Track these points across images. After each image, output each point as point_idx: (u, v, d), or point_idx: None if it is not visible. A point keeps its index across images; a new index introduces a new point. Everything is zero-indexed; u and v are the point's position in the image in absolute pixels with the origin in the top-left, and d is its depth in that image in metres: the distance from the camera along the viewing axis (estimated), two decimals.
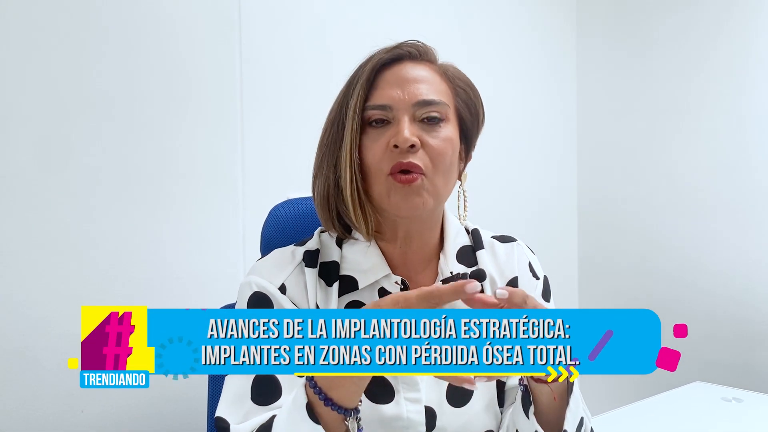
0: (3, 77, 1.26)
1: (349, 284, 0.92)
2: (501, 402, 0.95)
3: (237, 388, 0.85)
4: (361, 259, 0.92)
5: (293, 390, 0.83)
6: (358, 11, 1.80)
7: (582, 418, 0.87)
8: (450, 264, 0.95)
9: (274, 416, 0.80)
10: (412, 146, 0.85)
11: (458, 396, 0.91)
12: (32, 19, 1.29)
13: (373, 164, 0.87)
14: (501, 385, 0.95)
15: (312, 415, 0.75)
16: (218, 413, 0.85)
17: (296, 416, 0.76)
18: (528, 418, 0.85)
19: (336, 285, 0.91)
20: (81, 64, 1.35)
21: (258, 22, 1.61)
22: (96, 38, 1.37)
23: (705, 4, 2.14)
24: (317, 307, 0.90)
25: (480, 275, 0.94)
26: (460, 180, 0.96)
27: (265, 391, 0.84)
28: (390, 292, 0.91)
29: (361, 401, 0.77)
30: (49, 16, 1.31)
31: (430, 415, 0.89)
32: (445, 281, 0.91)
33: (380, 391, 0.88)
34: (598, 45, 2.41)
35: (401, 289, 0.91)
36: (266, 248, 1.13)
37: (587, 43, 2.44)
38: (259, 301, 0.90)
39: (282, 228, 1.15)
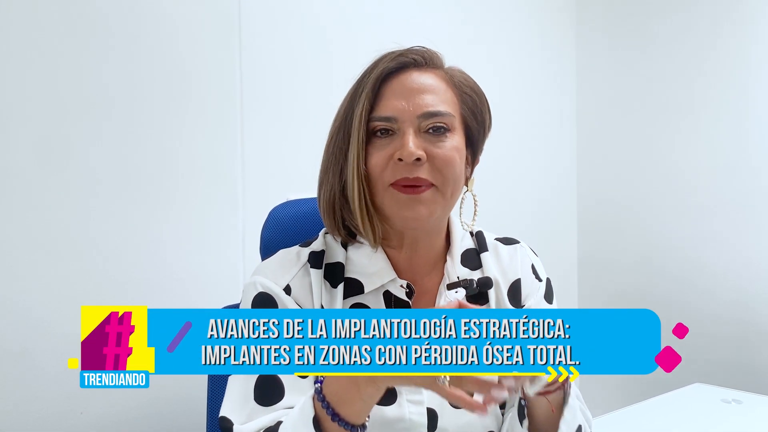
0: (3, 77, 1.27)
1: (354, 287, 0.92)
2: (502, 404, 0.95)
3: (240, 388, 0.85)
4: (367, 263, 0.92)
5: (296, 391, 0.84)
6: (358, 12, 1.80)
7: (579, 426, 0.87)
8: (456, 267, 0.95)
9: (279, 423, 0.80)
10: (418, 159, 0.85)
11: None
12: (33, 20, 1.29)
13: (376, 174, 0.87)
14: None
15: (318, 429, 0.75)
16: (222, 413, 0.85)
17: (302, 428, 0.76)
18: (522, 428, 0.86)
19: (341, 287, 0.91)
20: (80, 65, 1.35)
21: (258, 22, 1.61)
22: (96, 39, 1.37)
23: (705, 4, 2.14)
24: (322, 308, 0.90)
25: (486, 283, 0.94)
26: (467, 186, 0.95)
27: (268, 391, 0.84)
28: (395, 296, 0.92)
29: (368, 418, 0.77)
30: (49, 17, 1.31)
31: (432, 416, 0.89)
32: (450, 286, 0.92)
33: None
34: (597, 45, 2.41)
35: (406, 293, 0.92)
36: (266, 249, 1.13)
37: (587, 43, 2.44)
38: (264, 301, 0.90)
39: (282, 229, 1.15)
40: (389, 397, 0.88)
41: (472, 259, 0.98)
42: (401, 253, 0.93)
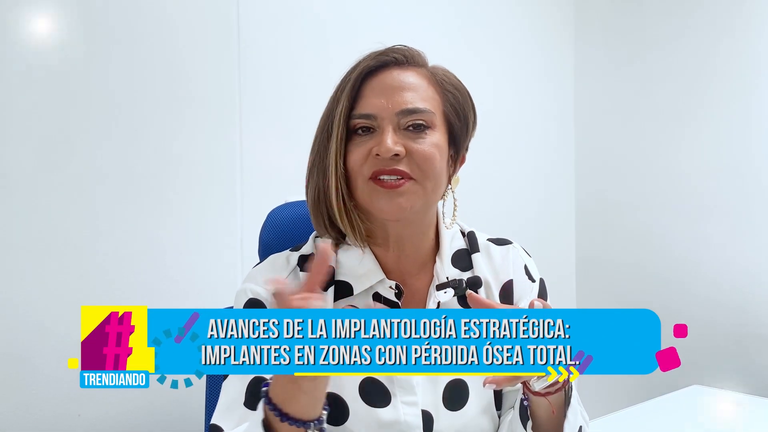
0: (5, 78, 1.27)
1: (344, 289, 0.92)
2: (498, 405, 0.95)
3: (231, 394, 0.86)
4: (356, 265, 0.92)
5: None
6: (358, 12, 1.80)
7: (581, 427, 0.87)
8: (445, 268, 0.95)
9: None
10: (396, 155, 0.85)
11: (455, 399, 0.90)
12: (34, 21, 1.29)
13: (355, 170, 0.87)
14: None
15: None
16: (212, 421, 0.85)
17: None
18: (526, 430, 0.85)
19: (331, 290, 0.91)
20: (79, 66, 1.35)
21: (256, 24, 1.61)
22: (94, 39, 1.37)
23: (705, 5, 2.14)
24: None
25: (476, 282, 0.94)
26: (451, 184, 0.95)
27: (259, 396, 0.84)
28: (385, 297, 0.92)
29: (326, 408, 0.76)
30: (50, 18, 1.31)
31: (427, 418, 0.89)
32: (439, 287, 0.92)
33: (377, 395, 0.88)
34: (595, 46, 2.41)
35: (395, 294, 0.91)
36: (264, 251, 1.13)
37: (585, 44, 2.44)
38: (255, 307, 0.90)
39: (280, 231, 1.15)
40: (383, 399, 0.88)
41: (463, 259, 0.97)
42: (389, 252, 0.93)
